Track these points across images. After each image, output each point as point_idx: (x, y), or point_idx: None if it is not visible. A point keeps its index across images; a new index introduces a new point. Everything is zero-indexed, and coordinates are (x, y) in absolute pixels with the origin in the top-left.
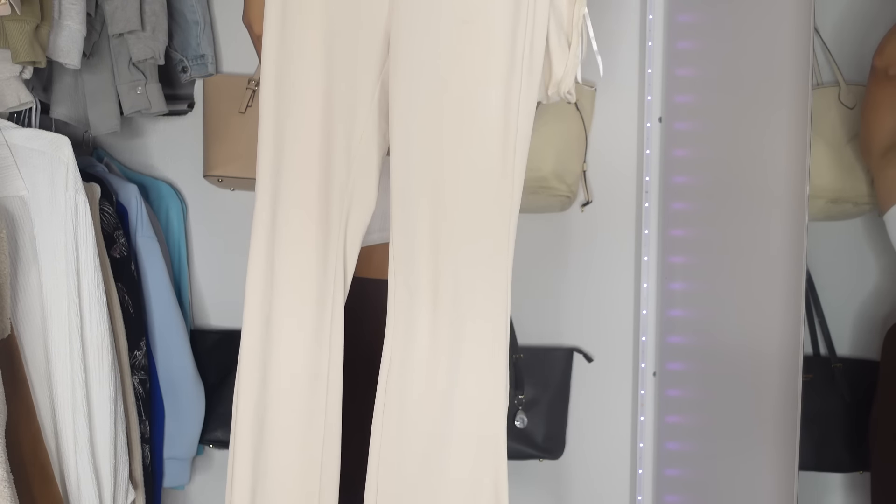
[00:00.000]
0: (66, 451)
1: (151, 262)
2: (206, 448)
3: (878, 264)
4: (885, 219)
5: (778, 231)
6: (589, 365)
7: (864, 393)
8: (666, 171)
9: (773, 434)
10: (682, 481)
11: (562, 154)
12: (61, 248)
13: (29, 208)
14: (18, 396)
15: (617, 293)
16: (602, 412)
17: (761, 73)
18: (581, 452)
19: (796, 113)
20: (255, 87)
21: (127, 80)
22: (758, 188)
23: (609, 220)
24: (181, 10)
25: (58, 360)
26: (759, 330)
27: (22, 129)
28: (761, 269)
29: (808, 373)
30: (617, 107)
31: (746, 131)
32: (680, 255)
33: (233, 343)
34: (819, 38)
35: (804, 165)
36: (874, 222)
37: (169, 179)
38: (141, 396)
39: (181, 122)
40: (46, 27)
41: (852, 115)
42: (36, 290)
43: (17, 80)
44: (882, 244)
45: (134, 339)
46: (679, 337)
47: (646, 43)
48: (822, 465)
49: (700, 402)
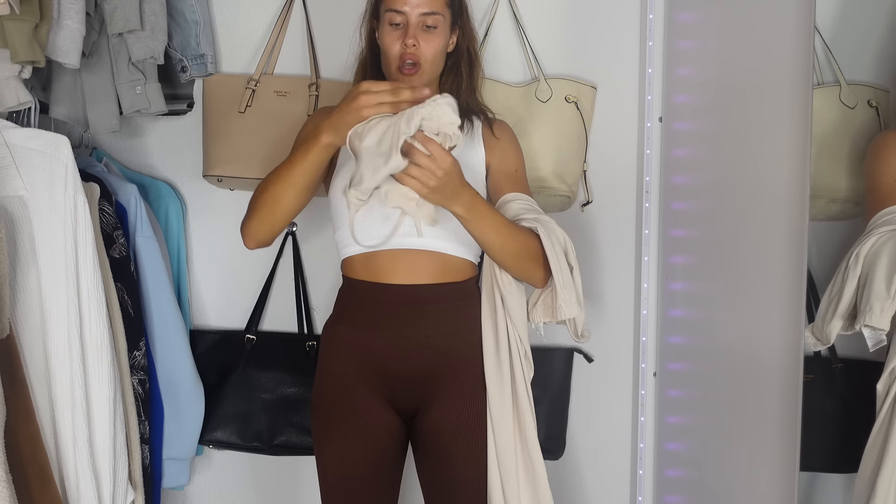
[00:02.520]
0: (65, 451)
1: (151, 262)
2: (205, 448)
3: None
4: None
5: (778, 231)
6: (589, 365)
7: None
8: (666, 171)
9: (773, 434)
10: (682, 482)
11: (562, 154)
12: (60, 248)
13: (28, 208)
14: (17, 397)
15: (617, 293)
16: (602, 412)
17: (761, 73)
18: (581, 453)
19: (796, 113)
20: (255, 87)
21: (126, 80)
22: (758, 188)
23: (609, 220)
24: (181, 9)
25: (57, 360)
26: (760, 330)
27: (21, 129)
28: (762, 269)
29: (809, 373)
30: (617, 107)
31: (746, 131)
32: (680, 255)
33: (232, 343)
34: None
35: (804, 165)
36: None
37: (168, 179)
38: (140, 397)
39: (181, 121)
40: (45, 26)
41: (852, 114)
42: (35, 291)
43: (16, 79)
44: None
45: (133, 339)
46: (679, 337)
47: (646, 43)
48: (823, 465)
49: (700, 403)
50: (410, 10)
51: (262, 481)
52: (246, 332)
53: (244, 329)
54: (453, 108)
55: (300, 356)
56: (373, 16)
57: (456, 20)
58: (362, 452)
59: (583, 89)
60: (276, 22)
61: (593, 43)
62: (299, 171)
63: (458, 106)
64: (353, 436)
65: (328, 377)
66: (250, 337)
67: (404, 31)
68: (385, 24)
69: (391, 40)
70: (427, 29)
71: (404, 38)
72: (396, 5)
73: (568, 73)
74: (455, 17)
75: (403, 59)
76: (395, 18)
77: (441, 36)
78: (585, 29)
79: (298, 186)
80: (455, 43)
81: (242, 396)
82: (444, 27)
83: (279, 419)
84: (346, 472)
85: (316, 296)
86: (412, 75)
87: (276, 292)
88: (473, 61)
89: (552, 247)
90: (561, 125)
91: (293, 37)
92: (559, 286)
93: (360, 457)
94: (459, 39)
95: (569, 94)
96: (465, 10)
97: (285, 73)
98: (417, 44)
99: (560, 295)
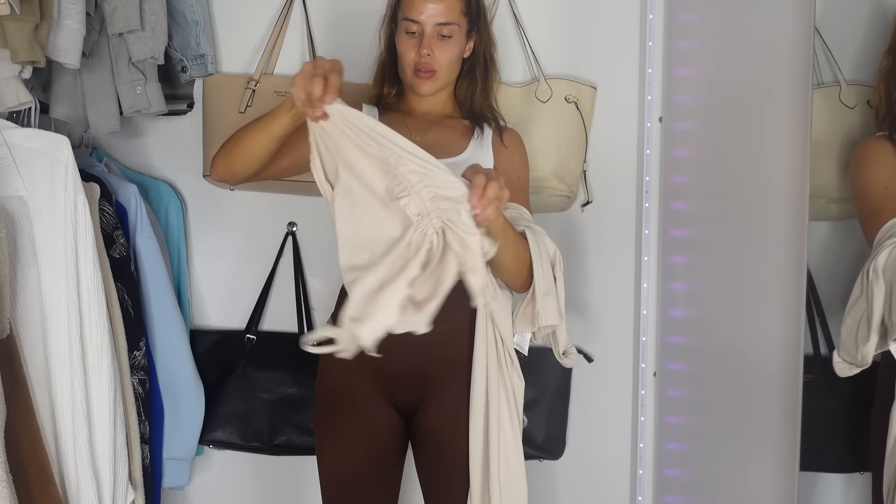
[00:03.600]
0: (65, 451)
1: (151, 262)
2: (205, 448)
3: None
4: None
5: (778, 231)
6: (589, 365)
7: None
8: (666, 171)
9: (773, 434)
10: (682, 482)
11: (562, 154)
12: (60, 249)
13: (28, 208)
14: (18, 397)
15: (617, 293)
16: (602, 412)
17: (761, 73)
18: (581, 453)
19: (796, 113)
20: (255, 87)
21: (126, 80)
22: (758, 188)
23: (609, 220)
24: (181, 9)
25: (57, 360)
26: (760, 330)
27: (21, 129)
28: (761, 269)
29: (809, 373)
30: (617, 107)
31: (746, 131)
32: (680, 255)
33: (232, 343)
34: (819, 37)
35: (804, 165)
36: None
37: (168, 179)
38: (140, 397)
39: (181, 121)
40: (46, 27)
41: (852, 114)
42: (35, 291)
43: (16, 79)
44: None
45: (133, 339)
46: (679, 337)
47: (646, 43)
48: (823, 465)
49: (700, 403)
50: (426, 19)
51: (263, 481)
52: (246, 332)
53: (244, 329)
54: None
55: (300, 356)
56: (391, 20)
57: (473, 27)
58: (363, 449)
59: (583, 89)
60: (276, 22)
61: (593, 43)
62: (264, 127)
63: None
64: (354, 432)
65: (330, 375)
66: (250, 337)
67: (419, 40)
68: (402, 32)
69: (407, 47)
70: (442, 38)
71: (419, 47)
72: (412, 14)
73: (568, 73)
74: (472, 24)
75: (418, 67)
76: (410, 27)
77: (456, 44)
78: (585, 29)
79: (261, 137)
80: (472, 49)
81: (242, 396)
82: (460, 35)
83: (279, 419)
84: (347, 469)
85: (316, 296)
86: (428, 80)
87: (276, 292)
88: (489, 67)
89: (538, 253)
90: (561, 125)
91: (293, 37)
92: (539, 293)
93: (361, 454)
94: (476, 45)
95: (569, 94)
96: (484, 16)
97: (285, 73)
98: (432, 53)
99: (539, 301)
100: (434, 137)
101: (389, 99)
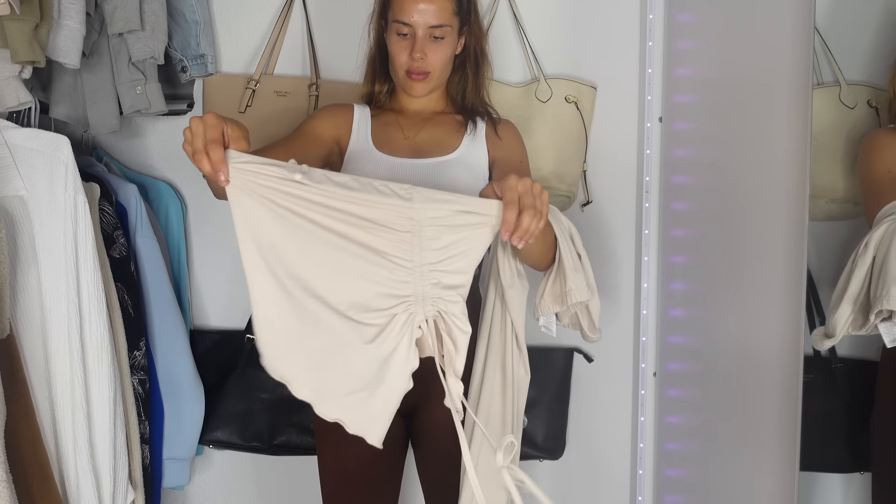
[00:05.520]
0: (65, 451)
1: (151, 262)
2: (205, 448)
3: None
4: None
5: (778, 231)
6: (589, 365)
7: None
8: (666, 171)
9: (773, 434)
10: (682, 482)
11: (562, 154)
12: (60, 249)
13: (28, 208)
14: (18, 397)
15: (617, 293)
16: (602, 412)
17: (761, 73)
18: (581, 453)
19: (796, 113)
20: (255, 87)
21: (126, 80)
22: (758, 188)
23: (609, 220)
24: (181, 9)
25: (57, 360)
26: (760, 330)
27: (21, 129)
28: (761, 269)
29: (809, 373)
30: (617, 107)
31: (746, 131)
32: (680, 255)
33: (232, 343)
34: (819, 37)
35: (804, 165)
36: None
37: (168, 179)
38: (140, 397)
39: (181, 121)
40: (46, 27)
41: (852, 114)
42: (35, 291)
43: (16, 79)
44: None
45: (133, 339)
46: (679, 337)
47: (646, 43)
48: (823, 465)
49: (700, 403)
50: (418, 22)
51: (263, 481)
52: (246, 332)
53: (244, 329)
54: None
55: None
56: (381, 16)
57: (464, 24)
58: (363, 449)
59: (583, 89)
60: (276, 22)
61: (593, 43)
62: (211, 183)
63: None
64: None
65: None
66: (250, 337)
67: (412, 43)
68: (393, 33)
69: (398, 49)
70: (434, 40)
71: (412, 50)
72: (404, 17)
73: (568, 73)
74: (463, 22)
75: (411, 70)
76: (402, 29)
77: (448, 45)
78: (585, 29)
79: (216, 188)
80: (463, 44)
81: (242, 396)
82: (452, 36)
83: (279, 419)
84: (348, 469)
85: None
86: (421, 82)
87: None
88: (480, 61)
89: (561, 231)
90: (561, 125)
91: (293, 37)
92: (568, 269)
93: (361, 454)
94: (467, 39)
95: (569, 94)
96: (475, 11)
97: (285, 73)
98: (424, 56)
99: (570, 278)
100: (427, 136)
101: (381, 97)
